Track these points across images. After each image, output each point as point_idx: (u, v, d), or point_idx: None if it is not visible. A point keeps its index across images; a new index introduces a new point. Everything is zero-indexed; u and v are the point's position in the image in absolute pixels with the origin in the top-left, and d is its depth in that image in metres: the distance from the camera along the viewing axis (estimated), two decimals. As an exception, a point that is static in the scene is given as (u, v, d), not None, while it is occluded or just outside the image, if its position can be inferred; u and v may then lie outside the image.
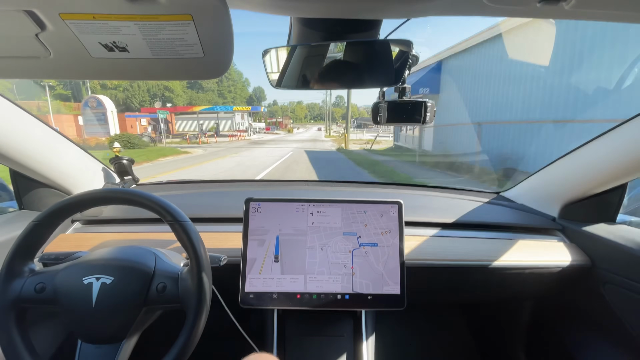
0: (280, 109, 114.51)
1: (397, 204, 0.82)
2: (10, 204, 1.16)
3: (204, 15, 0.39)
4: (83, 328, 0.60)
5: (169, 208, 0.62)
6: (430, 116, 0.70)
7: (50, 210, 0.61)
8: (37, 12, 0.37)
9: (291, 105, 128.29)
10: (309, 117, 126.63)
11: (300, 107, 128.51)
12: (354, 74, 0.68)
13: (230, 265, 0.77)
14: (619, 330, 0.87)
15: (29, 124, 0.83)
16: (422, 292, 0.99)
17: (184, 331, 0.58)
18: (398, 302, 0.79)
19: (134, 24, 0.39)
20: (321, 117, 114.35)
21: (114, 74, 0.51)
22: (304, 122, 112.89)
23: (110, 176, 1.14)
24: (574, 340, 1.00)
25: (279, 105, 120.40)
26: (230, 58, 0.47)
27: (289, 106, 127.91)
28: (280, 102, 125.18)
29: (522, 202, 1.17)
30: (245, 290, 0.79)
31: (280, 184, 1.37)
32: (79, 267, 0.61)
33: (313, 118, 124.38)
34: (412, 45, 0.60)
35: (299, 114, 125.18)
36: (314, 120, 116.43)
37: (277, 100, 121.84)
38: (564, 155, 0.97)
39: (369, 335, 0.86)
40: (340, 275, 0.80)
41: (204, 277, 0.60)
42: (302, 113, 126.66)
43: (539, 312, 1.14)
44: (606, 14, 0.44)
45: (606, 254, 0.87)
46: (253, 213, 0.82)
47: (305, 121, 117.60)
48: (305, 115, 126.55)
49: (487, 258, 0.90)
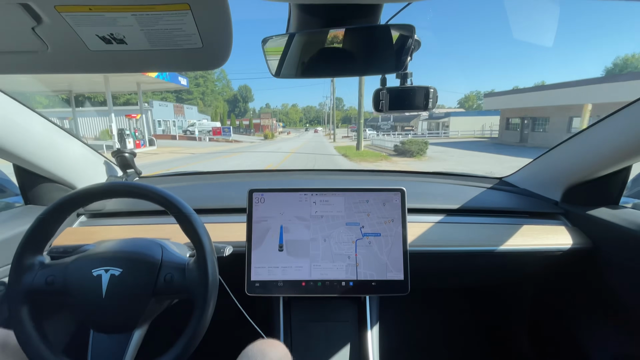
0: (273, 112, 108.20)
1: (399, 191, 0.82)
2: (16, 199, 1.17)
3: (202, 4, 0.38)
4: (94, 318, 0.62)
5: (174, 200, 0.63)
6: (432, 102, 0.69)
7: (56, 204, 0.61)
8: (32, 5, 0.37)
9: (284, 108, 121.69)
10: (305, 121, 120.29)
11: (294, 109, 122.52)
12: (354, 61, 0.67)
13: (236, 255, 0.79)
14: (621, 312, 0.88)
15: (30, 119, 0.83)
16: (426, 277, 1.01)
17: (193, 320, 0.60)
18: (401, 287, 0.80)
19: (131, 15, 0.39)
20: (318, 121, 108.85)
21: (112, 66, 0.51)
22: (298, 127, 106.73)
23: (112, 169, 1.15)
24: (576, 322, 1.01)
25: (272, 107, 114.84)
26: (230, 47, 0.46)
27: (282, 109, 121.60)
28: (273, 105, 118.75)
29: (524, 187, 1.17)
30: (251, 279, 0.80)
31: (283, 173, 1.37)
32: (87, 260, 0.63)
33: (309, 122, 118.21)
34: (414, 30, 0.59)
35: (293, 117, 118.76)
36: (309, 124, 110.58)
37: (269, 103, 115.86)
38: (567, 139, 0.96)
39: (373, 320, 0.87)
40: (344, 265, 0.81)
41: (210, 267, 0.61)
42: (297, 116, 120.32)
43: (542, 295, 1.15)
44: None
45: (609, 237, 0.88)
46: (256, 203, 0.82)
47: (300, 125, 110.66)
48: (300, 119, 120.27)
49: (490, 243, 0.91)
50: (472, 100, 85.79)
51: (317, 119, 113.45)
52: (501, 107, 21.70)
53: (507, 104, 20.63)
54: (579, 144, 0.92)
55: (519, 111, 19.70)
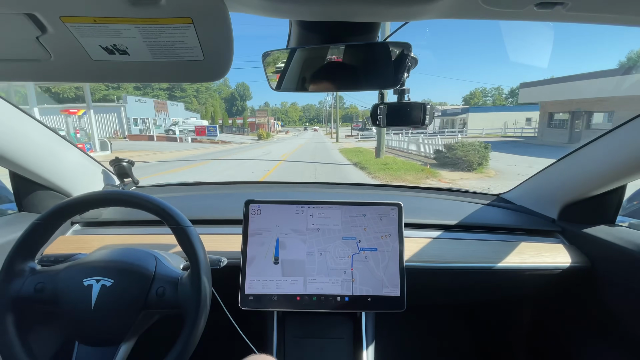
0: (272, 110, 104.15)
1: (396, 205, 0.82)
2: (9, 206, 1.16)
3: (204, 18, 0.39)
4: (81, 330, 0.60)
5: (172, 212, 0.62)
6: (429, 118, 0.70)
7: (52, 210, 0.61)
8: (38, 15, 0.38)
9: (283, 107, 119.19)
10: (304, 120, 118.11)
11: (294, 108, 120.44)
12: (353, 77, 0.68)
13: (230, 267, 0.77)
14: (619, 332, 0.86)
15: (28, 126, 0.83)
16: (422, 294, 0.99)
17: (182, 336, 0.58)
18: (398, 304, 0.79)
19: (135, 27, 0.40)
20: (318, 120, 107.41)
21: (114, 76, 0.52)
22: (297, 125, 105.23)
23: (109, 178, 1.14)
24: (574, 342, 0.99)
25: (271, 106, 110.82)
26: (230, 61, 0.47)
27: (281, 108, 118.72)
28: (273, 104, 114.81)
29: (521, 204, 1.17)
30: (245, 292, 0.78)
31: (280, 185, 1.37)
32: (79, 269, 0.61)
33: (308, 120, 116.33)
34: (411, 48, 0.61)
35: (292, 115, 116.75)
36: (309, 123, 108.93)
37: (268, 102, 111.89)
38: (564, 156, 0.98)
39: (369, 337, 0.85)
40: (340, 280, 0.80)
41: (203, 283, 0.60)
42: (297, 115, 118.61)
43: (539, 313, 1.14)
44: (603, 17, 0.44)
45: (606, 256, 0.87)
46: (253, 215, 0.82)
47: (299, 124, 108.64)
48: (299, 118, 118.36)
49: (487, 260, 0.90)
50: (477, 97, 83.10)
51: (317, 118, 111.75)
52: (542, 99, 17.37)
53: (551, 95, 16.39)
54: (576, 161, 0.93)
55: (568, 104, 15.44)
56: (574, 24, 0.48)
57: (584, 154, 0.90)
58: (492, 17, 0.45)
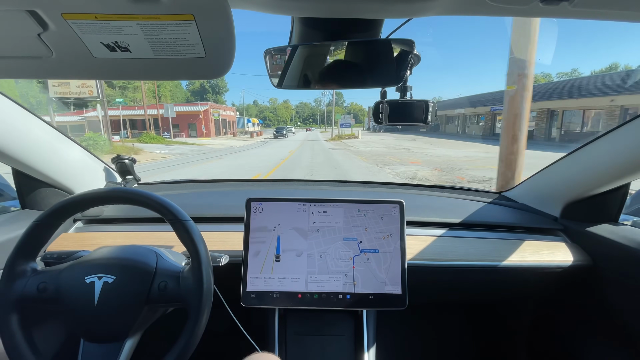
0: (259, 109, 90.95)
1: (398, 203, 0.82)
2: (13, 203, 1.16)
3: (206, 15, 0.39)
4: (85, 327, 0.60)
5: (171, 207, 0.62)
6: (431, 116, 0.70)
7: (52, 209, 0.61)
8: (39, 12, 0.38)
9: (273, 104, 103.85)
10: (297, 119, 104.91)
11: (285, 106, 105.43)
12: (355, 74, 0.68)
13: (232, 264, 0.78)
14: (621, 331, 0.86)
15: (31, 123, 0.83)
16: (424, 292, 0.99)
17: (186, 330, 0.58)
18: (399, 301, 0.79)
19: (136, 24, 0.39)
20: (314, 120, 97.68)
21: (115, 73, 0.51)
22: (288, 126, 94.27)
23: (111, 175, 1.14)
24: (576, 341, 0.99)
25: (260, 104, 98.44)
26: (232, 57, 0.47)
27: (270, 105, 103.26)
28: (261, 101, 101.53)
29: (524, 202, 1.16)
30: (246, 289, 0.79)
31: (281, 183, 1.37)
32: (81, 267, 0.62)
33: (302, 121, 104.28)
34: (414, 45, 0.60)
35: (282, 114, 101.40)
36: (301, 123, 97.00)
37: (257, 100, 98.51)
38: (566, 154, 0.97)
39: (370, 334, 0.86)
40: (341, 279, 0.80)
41: (205, 276, 0.60)
42: (288, 114, 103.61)
43: (541, 312, 1.14)
44: (608, 14, 0.44)
45: (608, 254, 0.87)
46: (254, 213, 0.82)
47: (291, 124, 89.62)
48: (291, 118, 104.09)
49: (489, 258, 0.90)
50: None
51: (313, 118, 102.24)
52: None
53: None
54: (579, 159, 0.93)
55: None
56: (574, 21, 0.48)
57: (587, 152, 0.89)
58: (497, 13, 0.45)
